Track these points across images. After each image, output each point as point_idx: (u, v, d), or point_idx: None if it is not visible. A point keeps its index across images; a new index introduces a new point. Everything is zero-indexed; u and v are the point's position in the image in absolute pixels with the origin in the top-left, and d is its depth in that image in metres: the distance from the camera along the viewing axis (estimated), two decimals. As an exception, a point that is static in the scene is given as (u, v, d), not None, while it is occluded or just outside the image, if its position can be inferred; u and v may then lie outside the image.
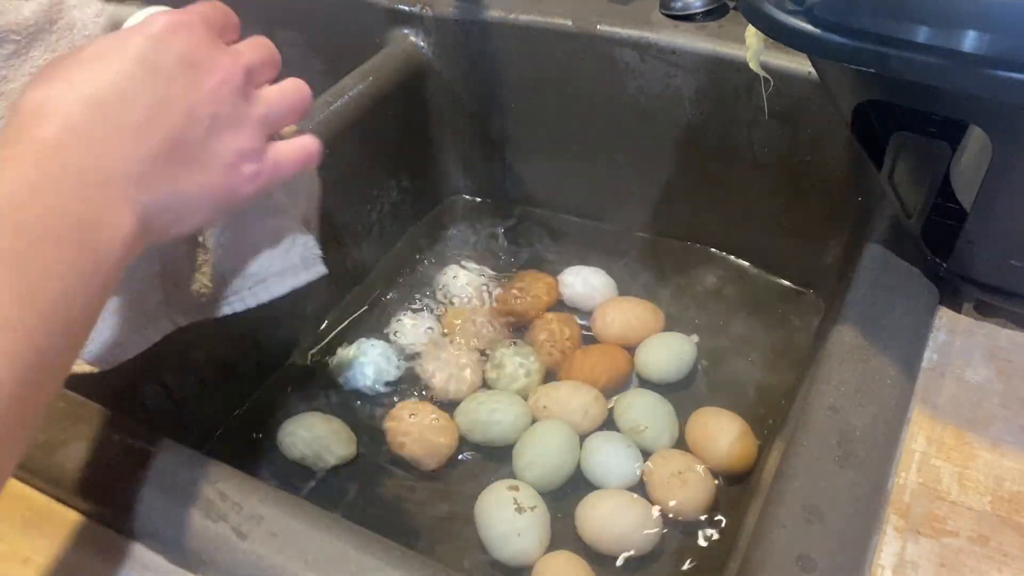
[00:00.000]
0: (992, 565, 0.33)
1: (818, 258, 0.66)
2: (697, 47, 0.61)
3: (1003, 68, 0.29)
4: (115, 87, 0.31)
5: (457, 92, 0.73)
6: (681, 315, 0.68)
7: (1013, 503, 0.36)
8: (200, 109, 0.32)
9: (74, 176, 0.29)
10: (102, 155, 0.30)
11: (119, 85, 0.31)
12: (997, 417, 0.39)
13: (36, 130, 0.29)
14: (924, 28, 0.30)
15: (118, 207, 0.30)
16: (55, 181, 0.28)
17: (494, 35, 0.68)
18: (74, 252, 0.28)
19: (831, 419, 0.38)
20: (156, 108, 0.31)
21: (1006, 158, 0.35)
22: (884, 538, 0.35)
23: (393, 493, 0.57)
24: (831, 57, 0.33)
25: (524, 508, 0.52)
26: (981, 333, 0.43)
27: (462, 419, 0.59)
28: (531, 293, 0.68)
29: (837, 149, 0.60)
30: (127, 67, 0.31)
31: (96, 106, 0.30)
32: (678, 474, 0.53)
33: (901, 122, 0.41)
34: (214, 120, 0.33)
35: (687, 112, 0.65)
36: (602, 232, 0.76)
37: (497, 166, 0.78)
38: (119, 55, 0.31)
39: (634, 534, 0.51)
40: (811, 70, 0.57)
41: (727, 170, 0.66)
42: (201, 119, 0.32)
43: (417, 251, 0.76)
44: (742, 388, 0.62)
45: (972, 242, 0.40)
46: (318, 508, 0.37)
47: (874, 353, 0.41)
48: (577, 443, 0.57)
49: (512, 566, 0.51)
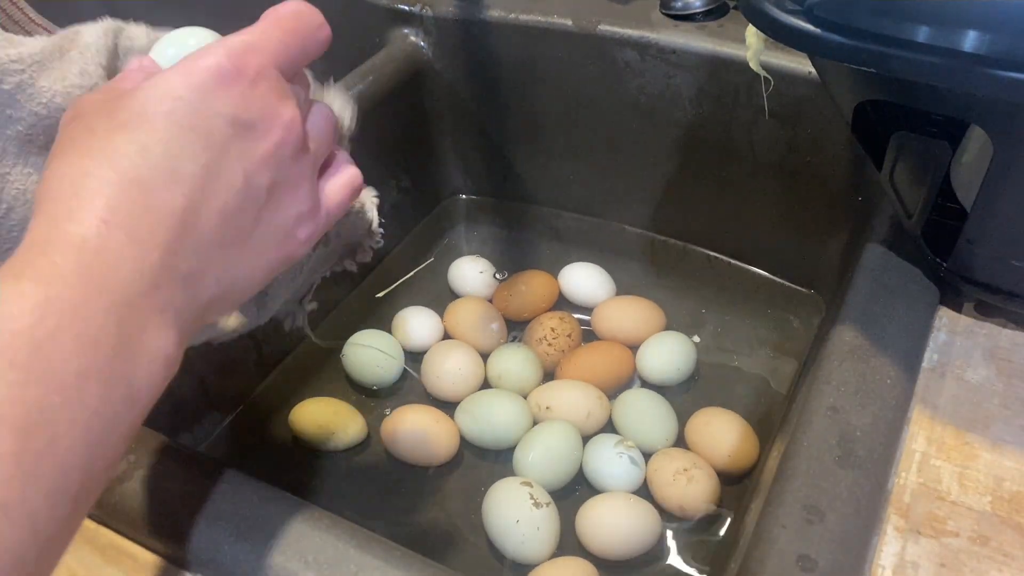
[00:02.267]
0: (992, 565, 0.33)
1: (818, 258, 0.66)
2: (697, 47, 0.61)
3: (1003, 68, 0.29)
4: (161, 162, 0.26)
5: (457, 92, 0.73)
6: (681, 315, 0.68)
7: (1013, 503, 0.35)
8: (256, 179, 0.28)
9: (115, 289, 0.24)
10: (146, 255, 0.25)
11: (166, 159, 0.26)
12: (997, 417, 0.39)
13: (71, 224, 0.24)
14: (924, 28, 0.30)
15: (160, 321, 0.26)
16: (91, 299, 0.24)
17: (494, 35, 0.68)
18: (103, 391, 0.24)
19: (831, 419, 0.38)
20: (207, 184, 0.27)
21: (1006, 158, 0.35)
22: (884, 538, 0.35)
23: (393, 493, 0.57)
24: (831, 57, 0.33)
25: (540, 503, 0.52)
26: (981, 333, 0.43)
27: (462, 419, 0.59)
28: (531, 292, 0.68)
29: (837, 149, 0.60)
30: (174, 134, 0.26)
31: (140, 189, 0.25)
32: (683, 471, 0.53)
33: (901, 122, 0.41)
34: (271, 190, 0.29)
35: (687, 112, 0.64)
36: (602, 231, 0.76)
37: (497, 166, 0.78)
38: (164, 118, 0.26)
39: (636, 538, 0.51)
40: (811, 70, 0.57)
41: (727, 170, 0.66)
42: (257, 191, 0.28)
43: (417, 251, 0.76)
44: (742, 388, 0.62)
45: (972, 242, 0.40)
46: (318, 508, 0.37)
47: (874, 353, 0.41)
48: (580, 444, 0.57)
49: (528, 563, 0.51)
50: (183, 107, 0.26)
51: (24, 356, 0.22)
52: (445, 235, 0.78)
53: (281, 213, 0.29)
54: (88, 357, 0.23)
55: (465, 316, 0.67)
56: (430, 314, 0.68)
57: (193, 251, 0.27)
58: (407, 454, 0.57)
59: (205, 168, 0.27)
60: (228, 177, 0.27)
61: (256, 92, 0.28)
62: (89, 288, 0.24)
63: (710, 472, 0.54)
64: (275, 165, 0.28)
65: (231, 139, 0.27)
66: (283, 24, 0.29)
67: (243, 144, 0.27)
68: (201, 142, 0.27)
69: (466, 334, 0.66)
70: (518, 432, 0.58)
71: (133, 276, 0.25)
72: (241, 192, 0.28)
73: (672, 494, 0.53)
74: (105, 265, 0.24)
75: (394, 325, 0.67)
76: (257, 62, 0.28)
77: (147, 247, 0.25)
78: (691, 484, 0.53)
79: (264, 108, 0.28)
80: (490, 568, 0.52)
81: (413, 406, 0.60)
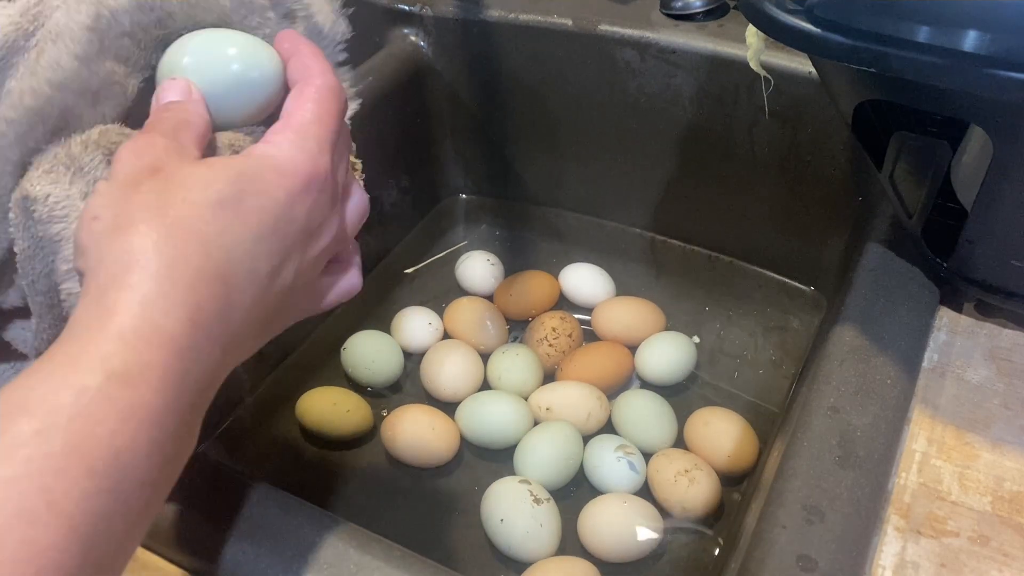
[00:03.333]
0: (993, 565, 0.33)
1: (818, 258, 0.66)
2: (697, 47, 0.61)
3: (1003, 68, 0.29)
4: (245, 261, 0.26)
5: (457, 92, 0.73)
6: (681, 315, 0.68)
7: (1014, 503, 0.35)
8: (305, 277, 0.29)
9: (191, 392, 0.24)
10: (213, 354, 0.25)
11: (250, 259, 0.26)
12: (998, 417, 0.39)
13: (163, 319, 0.23)
14: (924, 28, 0.30)
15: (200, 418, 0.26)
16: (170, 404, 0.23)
17: (494, 35, 0.68)
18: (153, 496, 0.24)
19: (831, 419, 0.38)
20: (269, 284, 0.27)
21: (1006, 157, 0.35)
22: (884, 538, 0.35)
23: (393, 493, 0.57)
24: (831, 57, 0.33)
25: (541, 500, 0.52)
26: (982, 333, 0.43)
27: (462, 419, 0.59)
28: (531, 292, 0.68)
29: (837, 149, 0.60)
30: (262, 234, 0.26)
31: (224, 286, 0.25)
32: (684, 472, 0.53)
33: (901, 122, 0.41)
34: (307, 284, 0.30)
35: (687, 112, 0.64)
36: (603, 231, 0.76)
37: (497, 165, 0.78)
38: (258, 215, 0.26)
39: (636, 539, 0.51)
40: (811, 70, 0.57)
41: (727, 169, 0.66)
42: (300, 287, 0.29)
43: (417, 250, 0.76)
44: (742, 388, 0.62)
45: (973, 242, 0.40)
46: (318, 508, 0.37)
47: (874, 353, 0.41)
48: (581, 445, 0.57)
49: (531, 560, 0.51)
50: (274, 208, 0.27)
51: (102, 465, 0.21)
52: (445, 234, 0.78)
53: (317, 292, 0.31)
54: (154, 465, 0.23)
55: (465, 316, 0.67)
56: (430, 314, 0.68)
57: (245, 342, 0.27)
58: (407, 454, 0.57)
59: (272, 268, 0.27)
60: (286, 274, 0.28)
61: (324, 198, 0.29)
62: (169, 391, 0.23)
63: (711, 473, 0.54)
64: (317, 265, 0.30)
65: (297, 243, 0.28)
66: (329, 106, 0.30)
67: (305, 245, 0.28)
68: (277, 246, 0.27)
69: (466, 334, 0.66)
70: (518, 433, 0.58)
71: (203, 379, 0.25)
72: (290, 289, 0.28)
73: (673, 495, 0.53)
74: (185, 368, 0.24)
75: (394, 325, 0.67)
76: (328, 164, 0.29)
77: (219, 345, 0.25)
78: (692, 485, 0.53)
79: (324, 215, 0.29)
80: (490, 568, 0.52)
81: (413, 406, 0.60)
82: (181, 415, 0.24)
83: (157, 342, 0.23)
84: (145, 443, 0.22)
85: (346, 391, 0.62)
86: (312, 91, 0.30)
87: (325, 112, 0.29)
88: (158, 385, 0.23)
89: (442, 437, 0.58)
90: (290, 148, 0.28)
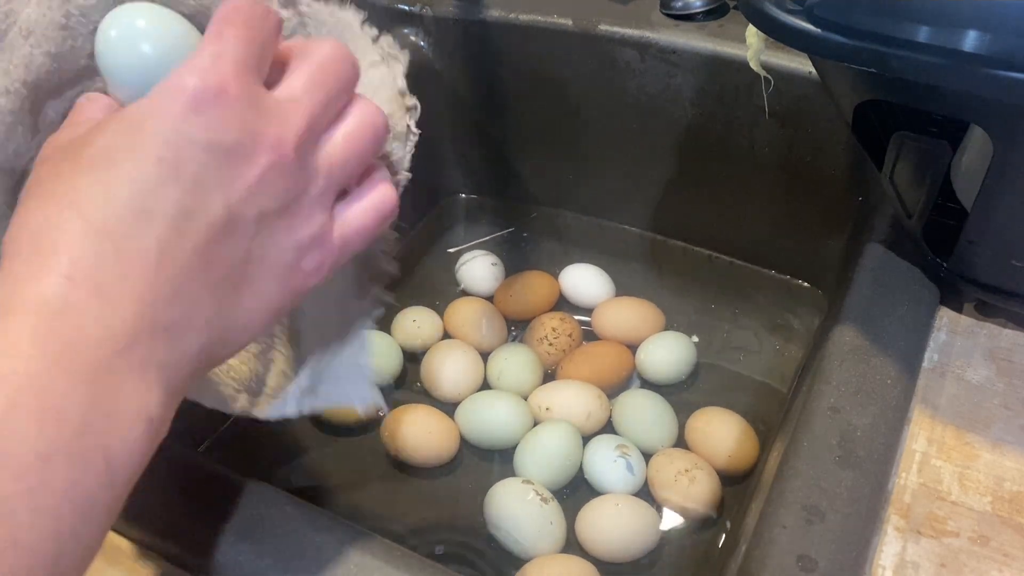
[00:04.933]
0: (993, 565, 0.33)
1: (818, 258, 0.66)
2: (697, 47, 0.61)
3: (1003, 68, 0.29)
4: (128, 204, 0.23)
5: (457, 92, 0.73)
6: (681, 315, 0.68)
7: (1014, 503, 0.35)
8: (242, 210, 0.25)
9: (81, 353, 0.22)
10: (117, 309, 0.23)
11: (133, 200, 0.23)
12: (998, 417, 0.39)
13: (34, 284, 0.22)
14: (924, 28, 0.30)
15: (140, 381, 0.23)
16: (51, 368, 0.21)
17: (494, 35, 0.68)
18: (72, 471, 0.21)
19: (831, 419, 0.38)
20: (182, 224, 0.24)
21: (1007, 158, 0.35)
22: (885, 538, 0.35)
23: (393, 493, 0.57)
24: (831, 57, 0.33)
25: (547, 499, 0.52)
26: (982, 333, 0.43)
27: (462, 419, 0.59)
28: (531, 292, 0.68)
29: (837, 149, 0.60)
30: (141, 171, 0.23)
31: (107, 237, 0.23)
32: (684, 472, 0.53)
33: (901, 122, 0.41)
34: (261, 220, 0.25)
35: (687, 112, 0.64)
36: (602, 231, 0.76)
37: (497, 165, 0.78)
38: (132, 153, 0.23)
39: (636, 540, 0.51)
40: (811, 70, 0.57)
41: (727, 170, 0.66)
42: (244, 224, 0.25)
43: (417, 250, 0.76)
44: (742, 388, 0.62)
45: (973, 242, 0.40)
46: (318, 508, 0.37)
47: (875, 353, 0.41)
48: (581, 446, 0.57)
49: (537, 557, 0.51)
50: (150, 140, 0.23)
51: None
52: (445, 234, 0.78)
53: (278, 243, 0.26)
54: (50, 435, 0.21)
55: (465, 316, 0.67)
56: (430, 314, 0.68)
57: (172, 300, 0.24)
58: (407, 454, 0.57)
59: (178, 205, 0.24)
60: (207, 212, 0.24)
61: (234, 111, 0.24)
62: (47, 356, 0.21)
63: (711, 472, 0.54)
64: (264, 193, 0.25)
65: (207, 168, 0.24)
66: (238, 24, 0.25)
67: (222, 172, 0.24)
68: (174, 176, 0.23)
69: (466, 334, 0.66)
70: (518, 433, 0.58)
71: (102, 336, 0.22)
72: (224, 227, 0.24)
73: (673, 495, 0.53)
74: (69, 327, 0.22)
75: (394, 325, 0.67)
76: (231, 71, 0.24)
77: (118, 301, 0.23)
78: (692, 485, 0.53)
79: (247, 130, 0.24)
80: (491, 568, 0.52)
81: (413, 406, 0.60)
82: (79, 380, 0.22)
83: (24, 307, 0.22)
84: (26, 414, 0.21)
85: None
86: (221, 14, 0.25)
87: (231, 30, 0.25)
88: (30, 351, 0.21)
89: (442, 437, 0.57)
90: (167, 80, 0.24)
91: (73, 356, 0.22)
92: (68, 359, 0.22)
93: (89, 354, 0.22)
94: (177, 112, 0.24)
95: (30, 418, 0.21)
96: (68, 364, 0.22)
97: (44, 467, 0.20)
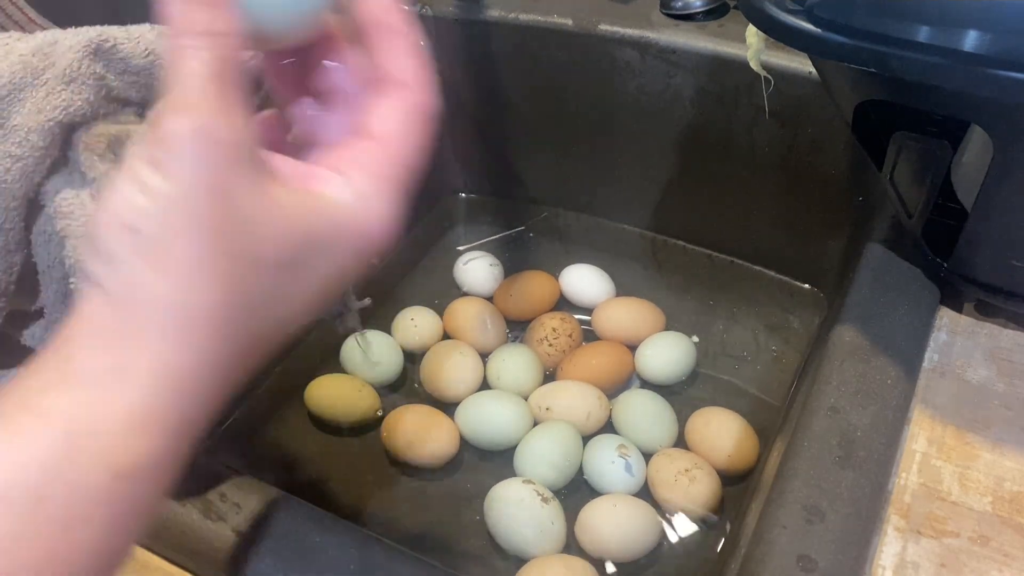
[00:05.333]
0: (993, 565, 0.33)
1: (819, 258, 0.66)
2: (697, 47, 0.61)
3: (1003, 68, 0.29)
4: (275, 309, 0.23)
5: (457, 92, 0.73)
6: (681, 315, 0.68)
7: (1014, 503, 0.35)
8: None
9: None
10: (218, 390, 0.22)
11: (279, 304, 0.23)
12: (998, 417, 0.39)
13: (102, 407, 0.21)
14: (924, 28, 0.30)
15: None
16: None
17: (494, 35, 0.68)
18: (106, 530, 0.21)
19: (832, 419, 0.38)
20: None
21: (1007, 158, 0.35)
22: (885, 538, 0.35)
23: (393, 493, 0.57)
24: (831, 57, 0.33)
25: (548, 499, 0.52)
26: (982, 333, 0.43)
27: (462, 419, 0.59)
28: (531, 292, 0.68)
29: (837, 149, 0.60)
30: (308, 291, 0.23)
31: (244, 334, 0.22)
32: (684, 472, 0.53)
33: (901, 122, 0.41)
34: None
35: (687, 112, 0.64)
36: (603, 231, 0.76)
37: (497, 165, 0.78)
38: (313, 279, 0.23)
39: (637, 540, 0.51)
40: (811, 70, 0.57)
41: (727, 170, 0.66)
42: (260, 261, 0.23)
43: (417, 250, 0.76)
44: (742, 388, 0.62)
45: (973, 242, 0.40)
46: (318, 508, 0.37)
47: (875, 353, 0.41)
48: (581, 446, 0.57)
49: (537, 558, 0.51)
50: (336, 272, 0.24)
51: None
52: (445, 234, 0.78)
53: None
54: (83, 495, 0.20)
55: (465, 316, 0.67)
56: (430, 314, 0.68)
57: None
58: (407, 454, 0.57)
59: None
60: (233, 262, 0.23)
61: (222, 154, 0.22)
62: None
63: (711, 472, 0.54)
64: None
65: (218, 217, 0.22)
66: (418, 137, 0.25)
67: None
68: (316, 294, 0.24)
69: (466, 334, 0.66)
70: (518, 433, 0.58)
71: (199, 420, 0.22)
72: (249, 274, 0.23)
73: (673, 495, 0.53)
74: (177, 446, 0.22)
75: (394, 325, 0.67)
76: (209, 106, 0.21)
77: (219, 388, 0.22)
78: (693, 485, 0.53)
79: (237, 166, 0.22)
80: (491, 568, 0.52)
81: (413, 406, 0.60)
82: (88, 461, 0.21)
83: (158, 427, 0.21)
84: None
85: (352, 377, 0.63)
86: (406, 109, 0.24)
87: (413, 146, 0.24)
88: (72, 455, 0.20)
89: (442, 437, 0.57)
90: (378, 203, 0.24)
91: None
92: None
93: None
94: (360, 252, 0.24)
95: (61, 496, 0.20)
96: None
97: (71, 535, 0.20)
